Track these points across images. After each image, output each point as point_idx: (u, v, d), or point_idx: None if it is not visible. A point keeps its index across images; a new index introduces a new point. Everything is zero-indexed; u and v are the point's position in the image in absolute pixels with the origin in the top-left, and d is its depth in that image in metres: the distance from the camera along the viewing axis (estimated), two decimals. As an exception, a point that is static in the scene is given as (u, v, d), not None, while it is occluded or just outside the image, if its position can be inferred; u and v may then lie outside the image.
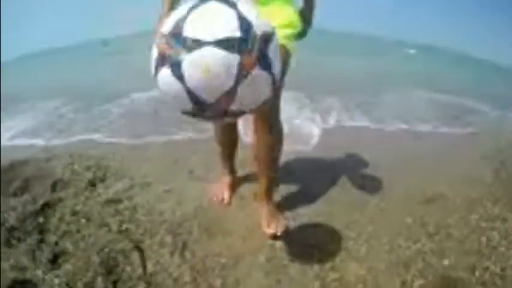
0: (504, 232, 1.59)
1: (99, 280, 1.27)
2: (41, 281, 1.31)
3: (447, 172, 2.11)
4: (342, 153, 2.29)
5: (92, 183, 1.83)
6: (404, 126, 3.01)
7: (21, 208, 1.67)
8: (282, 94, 1.34)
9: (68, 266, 1.35)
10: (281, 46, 1.22)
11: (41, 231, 1.57)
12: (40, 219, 1.62)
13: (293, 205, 1.70)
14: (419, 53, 7.07)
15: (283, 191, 1.80)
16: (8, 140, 2.67)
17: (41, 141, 2.60)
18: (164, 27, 0.75)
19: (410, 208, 1.71)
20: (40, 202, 1.71)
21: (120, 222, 1.51)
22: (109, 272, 1.29)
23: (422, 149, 2.53)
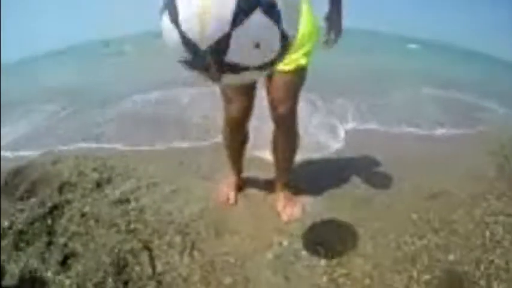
0: (508, 226, 1.59)
1: (109, 280, 1.29)
2: (52, 283, 1.33)
3: (451, 168, 2.12)
4: (348, 152, 2.31)
5: (99, 184, 1.84)
6: (411, 128, 3.00)
7: (29, 211, 1.69)
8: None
9: (78, 267, 1.36)
10: (300, 67, 1.31)
11: (50, 233, 1.59)
12: (48, 221, 1.64)
13: (299, 204, 1.71)
14: (421, 49, 7.06)
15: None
16: (11, 143, 2.69)
17: (45, 144, 2.61)
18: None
19: (415, 204, 1.72)
20: (48, 205, 1.72)
21: (128, 222, 1.53)
22: (119, 272, 1.31)
23: (426, 146, 2.54)
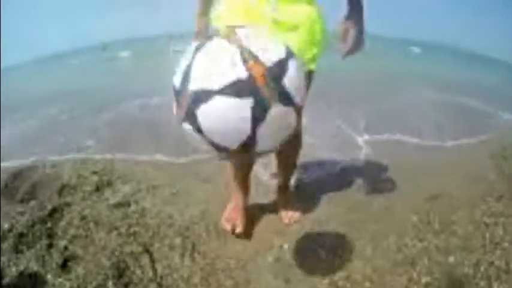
0: (508, 228, 1.59)
1: (110, 283, 1.28)
2: (51, 285, 1.33)
3: (451, 170, 2.13)
4: (349, 156, 2.31)
5: (99, 187, 1.84)
6: (414, 138, 2.90)
7: (29, 214, 1.68)
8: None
9: (79, 270, 1.36)
10: (309, 71, 1.26)
11: (50, 236, 1.58)
12: (48, 224, 1.63)
13: (300, 207, 1.72)
14: (424, 52, 7.07)
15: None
16: (11, 146, 2.68)
17: (44, 147, 2.61)
18: (175, 80, 0.70)
19: (415, 206, 1.72)
20: (48, 207, 1.71)
21: (128, 225, 1.53)
22: (120, 275, 1.31)
23: (426, 149, 2.54)
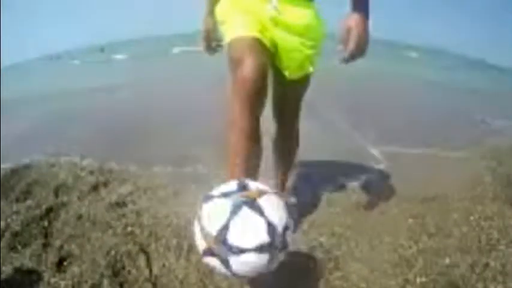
0: (503, 230, 1.60)
1: (105, 282, 1.28)
2: (47, 284, 1.32)
3: (447, 173, 2.14)
4: (345, 158, 2.32)
5: (95, 187, 1.85)
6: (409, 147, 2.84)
7: (24, 213, 1.68)
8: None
9: (74, 269, 1.36)
10: (307, 74, 1.29)
11: (46, 235, 1.58)
12: (44, 223, 1.63)
13: (296, 207, 1.72)
14: (421, 57, 7.10)
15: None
16: (9, 145, 2.67)
17: (41, 146, 2.60)
18: (209, 227, 0.88)
19: (411, 209, 1.73)
20: (44, 207, 1.72)
21: (125, 225, 1.53)
22: (115, 275, 1.31)
23: (422, 151, 2.55)
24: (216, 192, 0.94)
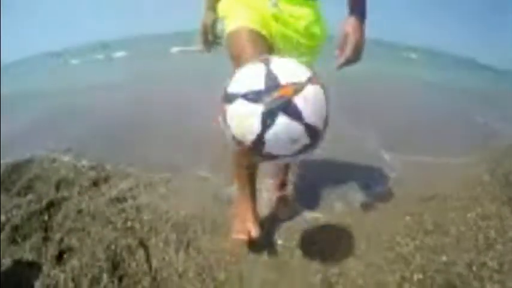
0: (501, 229, 1.60)
1: (104, 276, 1.29)
2: (47, 277, 1.33)
3: (445, 172, 2.15)
4: (344, 157, 2.32)
5: (96, 182, 1.86)
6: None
7: (25, 207, 1.70)
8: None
9: (74, 262, 1.37)
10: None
11: (46, 229, 1.59)
12: (45, 217, 1.65)
13: (296, 204, 1.74)
14: (420, 58, 7.08)
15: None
16: (10, 141, 2.68)
17: (42, 143, 2.61)
18: (241, 137, 0.83)
19: (409, 207, 1.74)
20: (44, 201, 1.72)
21: (125, 220, 1.54)
22: (115, 268, 1.32)
23: (420, 151, 2.55)
24: (241, 88, 0.81)
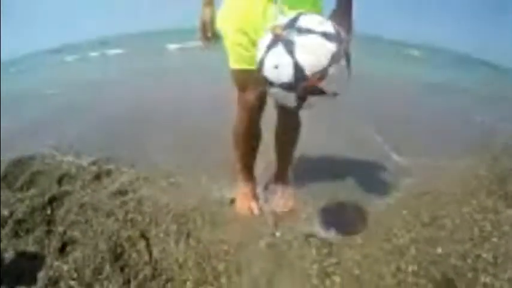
0: (497, 223, 1.61)
1: (106, 266, 1.33)
2: (50, 268, 1.36)
3: (442, 167, 2.16)
4: (343, 152, 2.35)
5: (98, 176, 1.88)
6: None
7: (28, 201, 1.72)
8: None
9: (76, 254, 1.40)
10: None
11: (49, 222, 1.62)
12: (48, 211, 1.67)
13: (295, 196, 1.76)
14: (422, 55, 7.01)
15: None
16: (11, 138, 2.70)
17: (43, 139, 2.63)
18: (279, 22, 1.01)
19: (405, 200, 1.76)
20: (47, 195, 1.75)
21: (126, 212, 1.57)
22: (116, 259, 1.35)
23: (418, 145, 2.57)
24: (274, 78, 1.00)
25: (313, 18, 1.01)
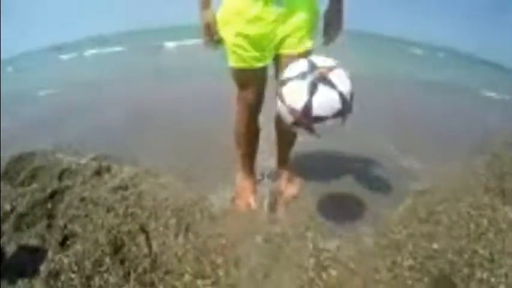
0: (493, 220, 1.62)
1: (106, 259, 1.34)
2: (51, 261, 1.38)
3: (440, 164, 2.17)
4: (342, 149, 2.35)
5: (98, 172, 1.90)
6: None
7: (30, 196, 1.74)
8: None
9: (77, 247, 1.42)
10: (308, 49, 1.40)
11: (50, 216, 1.64)
12: (48, 205, 1.69)
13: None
14: (425, 53, 6.96)
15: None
16: (12, 136, 2.72)
17: (44, 136, 2.64)
18: (294, 104, 1.09)
19: (404, 197, 1.77)
20: (48, 190, 1.77)
21: (126, 206, 1.58)
22: (116, 252, 1.37)
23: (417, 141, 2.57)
24: (291, 74, 1.11)
25: (341, 73, 1.11)
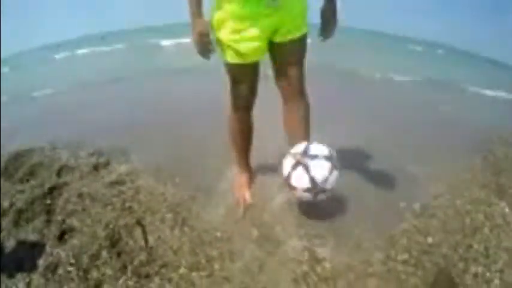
0: (489, 215, 1.63)
1: (103, 253, 1.36)
2: (50, 255, 1.40)
3: (437, 159, 2.17)
4: (340, 146, 2.35)
5: (96, 168, 1.92)
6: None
7: (28, 192, 1.76)
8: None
9: (74, 241, 1.44)
10: (304, 34, 1.41)
11: (48, 212, 1.66)
12: (47, 201, 1.71)
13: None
14: (425, 50, 6.94)
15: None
16: (11, 132, 2.73)
17: (44, 134, 2.65)
18: (284, 171, 1.41)
19: (397, 191, 1.78)
20: (46, 186, 1.79)
21: (123, 201, 1.60)
22: (113, 245, 1.39)
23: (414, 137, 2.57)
24: (293, 150, 1.41)
25: (318, 147, 1.40)
